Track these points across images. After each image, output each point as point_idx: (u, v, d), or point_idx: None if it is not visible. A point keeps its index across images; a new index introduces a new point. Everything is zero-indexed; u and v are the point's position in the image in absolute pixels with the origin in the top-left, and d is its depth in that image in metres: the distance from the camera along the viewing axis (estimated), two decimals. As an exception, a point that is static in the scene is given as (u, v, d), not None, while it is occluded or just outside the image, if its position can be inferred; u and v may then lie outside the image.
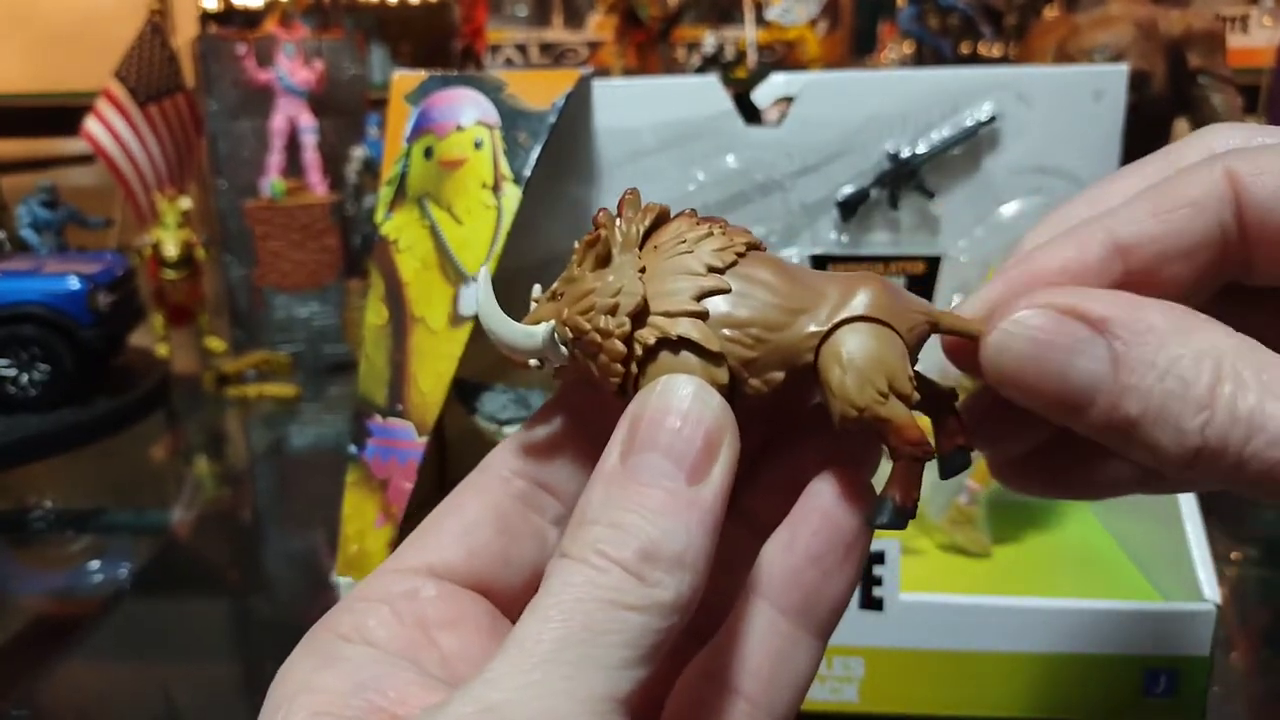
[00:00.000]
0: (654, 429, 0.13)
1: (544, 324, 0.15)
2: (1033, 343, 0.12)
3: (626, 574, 0.11)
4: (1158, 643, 0.30)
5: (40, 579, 0.46)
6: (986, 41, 1.20)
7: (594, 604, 0.11)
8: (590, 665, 0.11)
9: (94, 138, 0.86)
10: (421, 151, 0.35)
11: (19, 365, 0.59)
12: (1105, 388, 0.12)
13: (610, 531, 0.12)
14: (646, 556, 0.12)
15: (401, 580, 0.15)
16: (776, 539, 0.14)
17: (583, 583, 0.11)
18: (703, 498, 0.12)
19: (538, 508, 0.16)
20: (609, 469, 0.13)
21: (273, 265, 0.75)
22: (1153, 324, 0.12)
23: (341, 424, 0.60)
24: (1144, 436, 0.12)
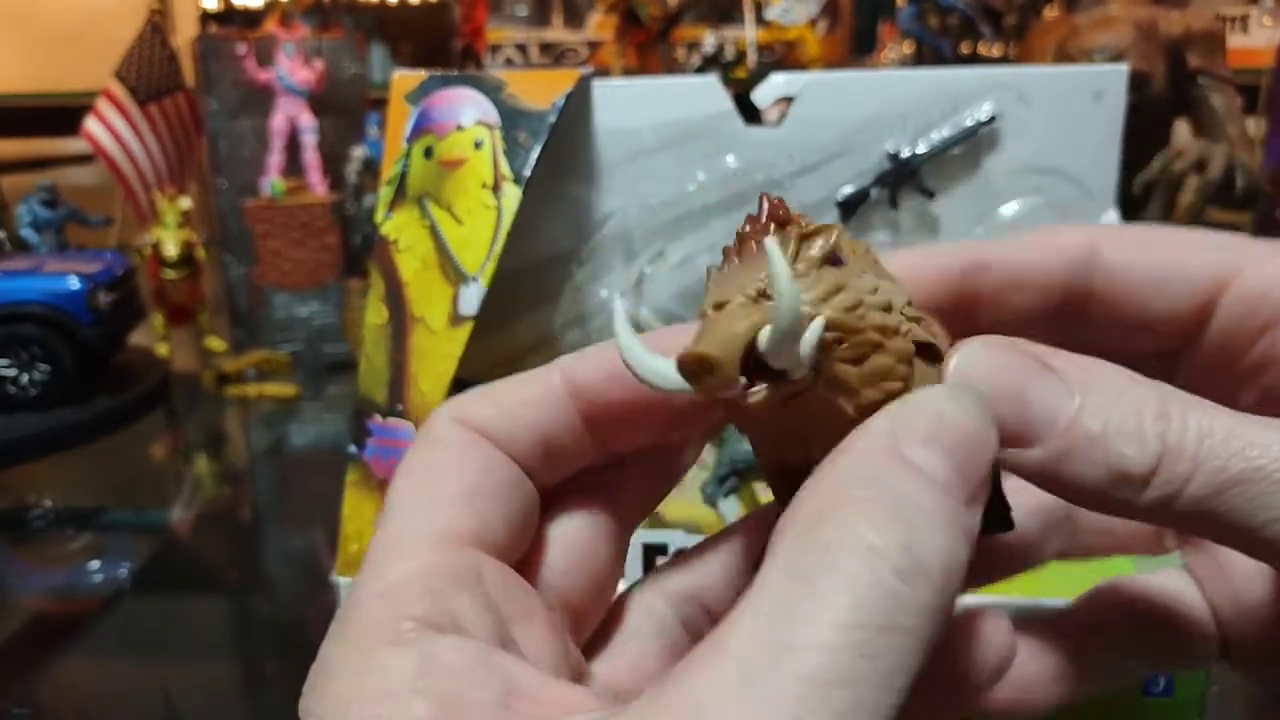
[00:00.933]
0: (948, 431, 0.11)
1: (815, 320, 0.12)
2: (994, 370, 0.12)
3: (900, 581, 0.09)
4: (1157, 643, 0.30)
5: (40, 577, 0.47)
6: (986, 41, 1.21)
7: (869, 613, 0.09)
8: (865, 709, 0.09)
9: (94, 137, 0.86)
10: (421, 151, 0.35)
11: (19, 364, 0.59)
12: (1063, 412, 0.12)
13: (880, 519, 0.10)
14: (919, 564, 0.10)
15: (456, 554, 0.12)
16: None
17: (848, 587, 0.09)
18: (971, 527, 0.11)
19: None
20: (879, 448, 0.11)
21: (273, 264, 0.75)
22: (1085, 363, 0.13)
23: (341, 423, 0.60)
24: (1107, 453, 0.12)
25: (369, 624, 0.11)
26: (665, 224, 0.38)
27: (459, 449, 0.13)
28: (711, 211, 0.38)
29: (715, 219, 0.38)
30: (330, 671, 0.11)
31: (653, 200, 0.38)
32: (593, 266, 0.40)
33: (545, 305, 0.40)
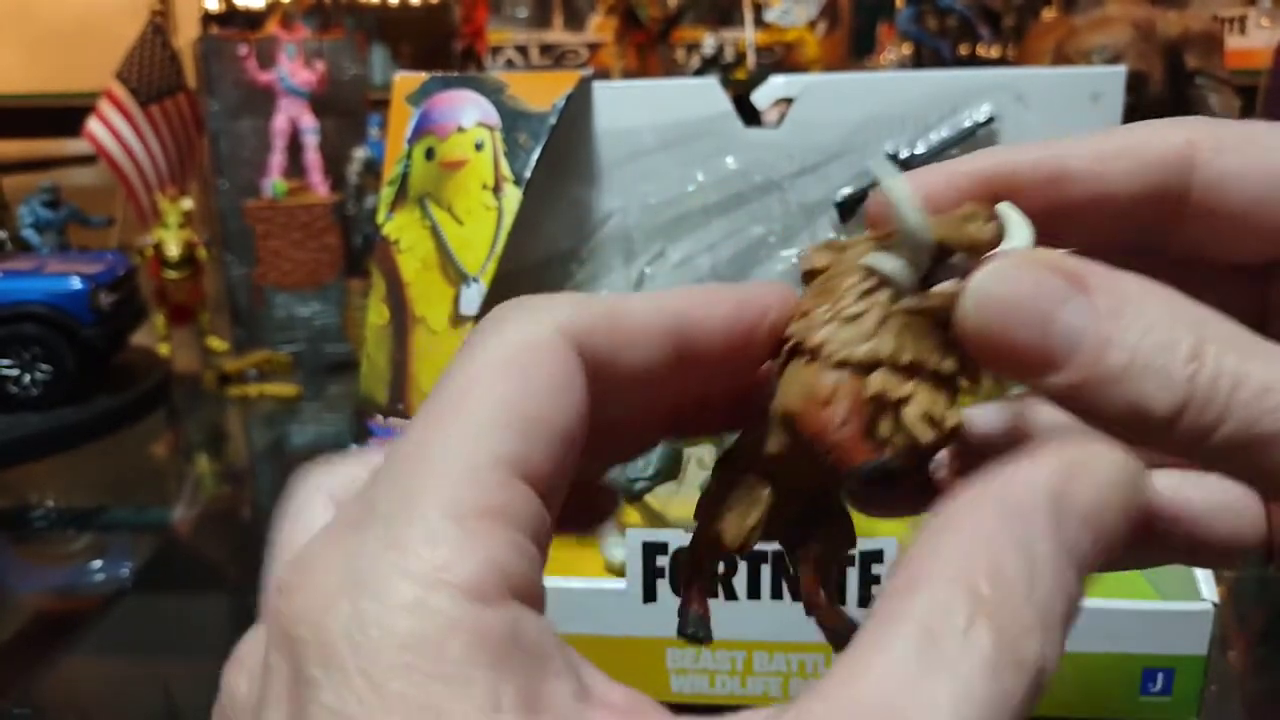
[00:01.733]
0: (1100, 504, 0.10)
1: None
2: (1014, 292, 0.12)
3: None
4: (1155, 641, 0.30)
5: (41, 577, 0.47)
6: (984, 43, 1.21)
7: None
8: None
9: (96, 138, 0.86)
10: (423, 152, 0.35)
11: (20, 365, 0.59)
12: (1088, 341, 0.11)
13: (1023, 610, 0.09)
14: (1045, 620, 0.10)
15: (525, 497, 0.10)
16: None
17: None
18: (1079, 597, 0.10)
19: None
20: (1039, 529, 0.10)
21: (274, 265, 0.75)
22: (1127, 288, 0.12)
23: (342, 423, 0.60)
24: (1128, 390, 0.11)
25: (438, 563, 0.09)
26: (665, 224, 0.38)
27: (556, 376, 0.11)
28: (711, 212, 0.38)
29: (715, 219, 0.38)
30: (380, 593, 0.09)
31: (653, 201, 0.38)
32: (593, 266, 0.40)
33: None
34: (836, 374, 0.12)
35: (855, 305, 0.13)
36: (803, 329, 0.13)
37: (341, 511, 0.11)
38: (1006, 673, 0.09)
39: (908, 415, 0.12)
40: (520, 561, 0.10)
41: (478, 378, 0.11)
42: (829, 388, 0.12)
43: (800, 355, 0.13)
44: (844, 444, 0.12)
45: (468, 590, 0.09)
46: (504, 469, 0.10)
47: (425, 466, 0.10)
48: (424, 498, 0.10)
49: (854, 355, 0.12)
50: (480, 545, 0.10)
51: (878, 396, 0.12)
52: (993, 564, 0.10)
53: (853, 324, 0.12)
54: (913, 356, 0.12)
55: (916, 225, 0.12)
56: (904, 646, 0.09)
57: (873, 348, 0.12)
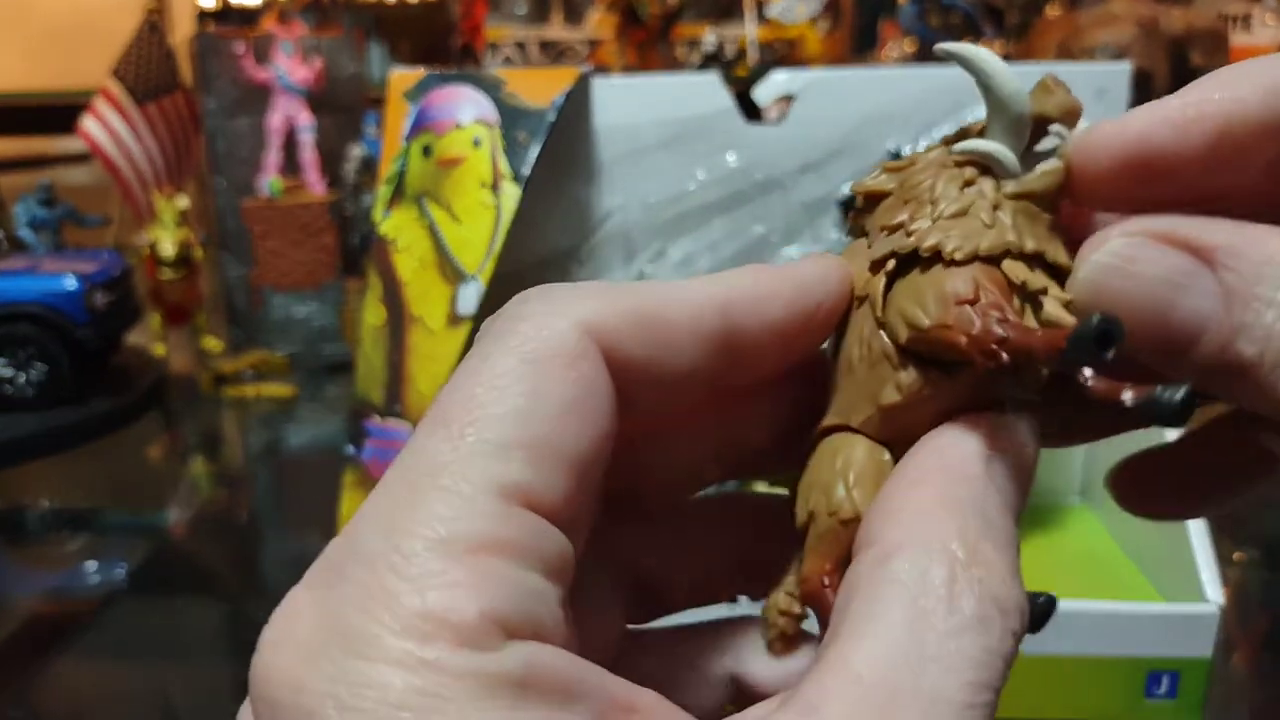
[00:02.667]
0: (1017, 461, 0.11)
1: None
2: (1129, 277, 0.10)
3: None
4: (1160, 644, 0.29)
5: (36, 579, 0.46)
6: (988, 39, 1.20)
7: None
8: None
9: (91, 136, 0.86)
10: (420, 150, 0.34)
11: (15, 365, 0.59)
12: (1214, 327, 0.10)
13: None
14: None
15: (534, 525, 0.09)
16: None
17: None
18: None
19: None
20: (983, 489, 0.10)
21: (270, 264, 0.75)
22: (1271, 253, 0.10)
23: (339, 424, 0.60)
24: (1260, 382, 0.10)
25: (423, 611, 0.09)
26: (666, 222, 0.38)
27: (577, 386, 0.10)
28: (712, 210, 0.38)
29: (716, 217, 0.38)
30: (366, 648, 0.08)
31: (653, 198, 0.38)
32: (593, 265, 0.39)
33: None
34: (967, 269, 0.11)
35: (958, 200, 0.11)
36: (905, 237, 0.11)
37: (327, 549, 0.10)
38: (994, 624, 0.10)
39: (1049, 307, 0.11)
40: (523, 598, 0.09)
41: (484, 388, 0.10)
42: (970, 283, 0.11)
43: (913, 265, 0.11)
44: (1024, 332, 0.10)
45: (463, 637, 0.08)
46: (505, 497, 0.09)
47: (416, 493, 0.09)
48: (412, 530, 0.09)
49: (983, 246, 0.11)
50: (474, 585, 0.09)
51: (1021, 286, 0.11)
52: (959, 527, 0.10)
53: (964, 219, 0.11)
54: (1034, 244, 0.11)
55: (1016, 95, 0.11)
56: (895, 621, 0.09)
57: (998, 235, 0.11)
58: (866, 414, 0.12)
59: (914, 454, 0.11)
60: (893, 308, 0.11)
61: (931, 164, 0.12)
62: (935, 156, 0.12)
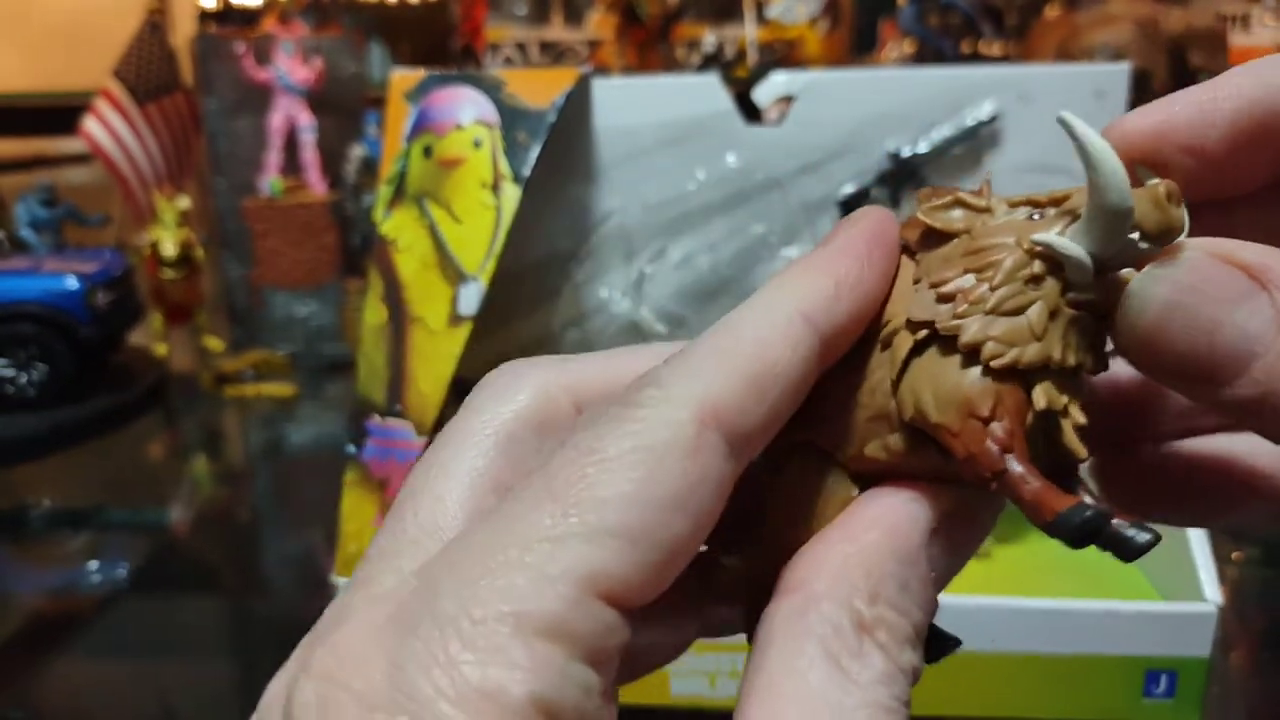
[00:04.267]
0: (965, 539, 0.12)
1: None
2: (1181, 290, 0.10)
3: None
4: (1158, 643, 0.30)
5: (37, 577, 0.46)
6: (987, 40, 1.20)
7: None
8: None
9: (92, 137, 0.86)
10: (420, 150, 0.35)
11: (17, 364, 0.59)
12: (1263, 349, 0.10)
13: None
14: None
15: (585, 614, 0.10)
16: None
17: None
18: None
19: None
20: (914, 557, 0.11)
21: (271, 264, 0.75)
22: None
23: (340, 423, 0.60)
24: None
25: (480, 688, 0.09)
26: (665, 223, 0.38)
27: (687, 477, 0.10)
28: (712, 210, 0.38)
29: (715, 218, 0.38)
30: (420, 713, 0.09)
31: (653, 199, 0.38)
32: (592, 266, 0.39)
33: (545, 304, 0.40)
34: (997, 381, 0.10)
35: (1021, 294, 0.10)
36: (951, 317, 0.11)
37: (403, 592, 0.10)
38: (896, 680, 0.10)
39: (1067, 432, 0.10)
40: (571, 688, 0.09)
41: (596, 469, 0.10)
42: (988, 401, 0.10)
43: (947, 350, 0.11)
44: (1022, 480, 0.10)
45: (509, 718, 0.09)
46: (586, 586, 0.09)
47: (503, 562, 0.10)
48: (489, 600, 0.09)
49: (1023, 359, 0.10)
50: (531, 669, 0.09)
51: (1043, 412, 0.10)
52: (874, 589, 0.10)
53: (1015, 320, 0.10)
54: (1076, 358, 0.10)
55: (1124, 204, 0.10)
56: (815, 671, 0.10)
57: (1042, 350, 0.10)
58: (849, 454, 0.12)
59: (865, 503, 0.11)
60: (909, 379, 0.11)
61: (1008, 230, 0.11)
62: (1017, 222, 0.11)
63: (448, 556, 0.10)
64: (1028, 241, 0.10)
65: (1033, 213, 0.11)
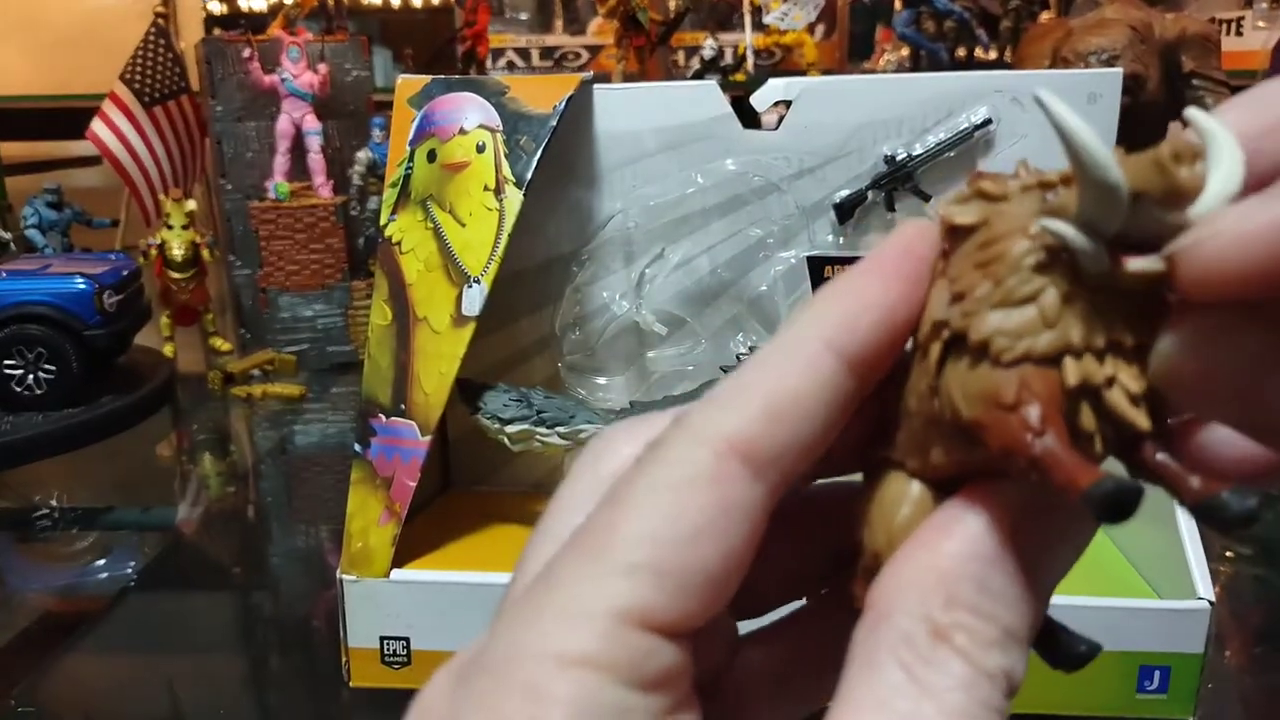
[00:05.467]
0: (1054, 541, 0.11)
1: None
2: (1209, 355, 0.09)
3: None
4: (1152, 640, 0.30)
5: (47, 576, 0.47)
6: (982, 46, 1.21)
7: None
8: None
9: (99, 140, 0.87)
10: (425, 154, 0.35)
11: (26, 365, 0.60)
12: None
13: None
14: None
15: (629, 645, 0.10)
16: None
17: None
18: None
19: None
20: (993, 559, 0.10)
21: (278, 266, 0.75)
22: None
23: (346, 423, 0.60)
24: None
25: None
26: (665, 226, 0.39)
27: (719, 510, 0.10)
28: (710, 214, 0.39)
29: (714, 221, 0.39)
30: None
31: (652, 203, 0.38)
32: (593, 268, 0.40)
33: (546, 306, 0.40)
34: (1018, 370, 0.10)
35: (1028, 283, 0.10)
36: (961, 316, 0.10)
37: (480, 641, 0.11)
38: (979, 685, 0.10)
39: (1115, 402, 0.10)
40: (606, 715, 0.10)
41: (624, 513, 0.11)
42: (1013, 388, 0.10)
43: (963, 350, 0.10)
44: (1053, 459, 0.10)
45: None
46: (622, 618, 0.10)
47: (545, 609, 0.10)
48: (532, 645, 0.10)
49: (1036, 348, 0.10)
50: (568, 701, 0.10)
51: (1078, 388, 0.10)
52: (949, 594, 0.10)
53: (1027, 307, 0.10)
54: (1107, 337, 0.10)
55: (1109, 178, 0.09)
56: (889, 685, 0.10)
57: (1058, 337, 0.10)
58: (918, 463, 0.11)
59: (940, 512, 0.11)
60: (944, 382, 0.11)
61: (1019, 218, 0.10)
62: (1026, 208, 0.10)
63: (503, 612, 0.11)
64: (1033, 227, 0.10)
65: (1045, 194, 0.10)
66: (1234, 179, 0.10)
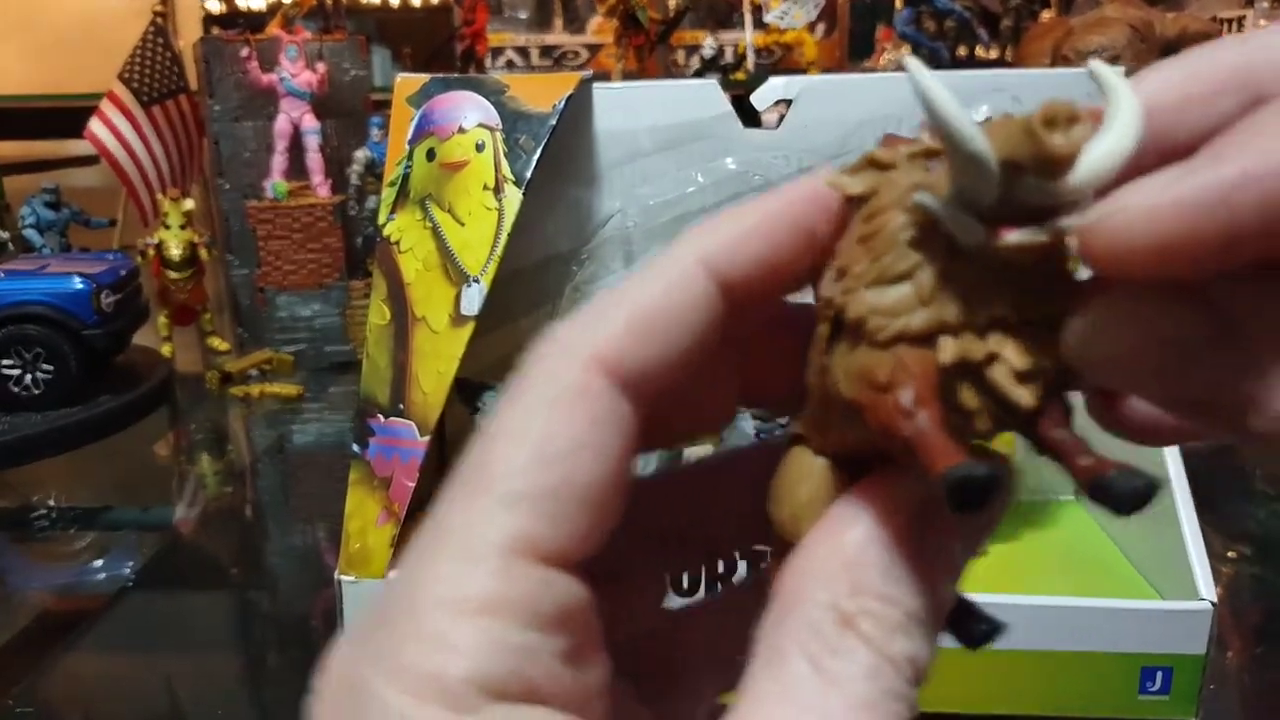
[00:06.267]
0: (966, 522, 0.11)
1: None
2: (1117, 343, 0.09)
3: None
4: (1154, 640, 0.30)
5: (45, 576, 0.47)
6: (982, 44, 1.21)
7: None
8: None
9: (97, 139, 0.87)
10: (424, 153, 0.35)
11: (23, 365, 0.60)
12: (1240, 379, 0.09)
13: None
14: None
15: (543, 579, 0.10)
16: None
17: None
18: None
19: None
20: (897, 543, 0.10)
21: (275, 265, 0.75)
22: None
23: (344, 423, 0.60)
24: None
25: (421, 672, 0.09)
26: (665, 225, 0.39)
27: (585, 416, 0.10)
28: (710, 212, 0.38)
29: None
30: (373, 712, 0.09)
31: (652, 202, 0.38)
32: (593, 267, 0.40)
33: (546, 306, 0.40)
34: (894, 350, 0.10)
35: (904, 259, 0.10)
36: (841, 293, 0.10)
37: (374, 605, 0.11)
38: (884, 673, 0.10)
39: (998, 379, 0.09)
40: (515, 658, 0.09)
41: (499, 442, 0.10)
42: (887, 368, 0.10)
43: (845, 329, 0.10)
44: (920, 440, 0.09)
45: (449, 701, 0.09)
46: (512, 552, 0.10)
47: (433, 554, 0.10)
48: (426, 591, 0.10)
49: (910, 327, 0.09)
50: (466, 648, 0.09)
51: (956, 366, 0.09)
52: (854, 581, 0.10)
53: (902, 284, 0.10)
54: (990, 314, 0.09)
55: (973, 149, 0.09)
56: (795, 675, 0.10)
57: (933, 315, 0.09)
58: (820, 441, 0.11)
59: (842, 504, 0.11)
60: (832, 360, 0.11)
61: (902, 188, 0.10)
62: (910, 179, 0.10)
63: (401, 563, 0.11)
64: (909, 201, 0.10)
65: (928, 164, 0.10)
66: (1124, 144, 0.09)
